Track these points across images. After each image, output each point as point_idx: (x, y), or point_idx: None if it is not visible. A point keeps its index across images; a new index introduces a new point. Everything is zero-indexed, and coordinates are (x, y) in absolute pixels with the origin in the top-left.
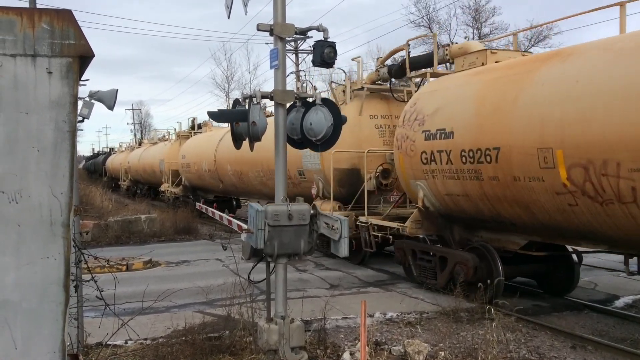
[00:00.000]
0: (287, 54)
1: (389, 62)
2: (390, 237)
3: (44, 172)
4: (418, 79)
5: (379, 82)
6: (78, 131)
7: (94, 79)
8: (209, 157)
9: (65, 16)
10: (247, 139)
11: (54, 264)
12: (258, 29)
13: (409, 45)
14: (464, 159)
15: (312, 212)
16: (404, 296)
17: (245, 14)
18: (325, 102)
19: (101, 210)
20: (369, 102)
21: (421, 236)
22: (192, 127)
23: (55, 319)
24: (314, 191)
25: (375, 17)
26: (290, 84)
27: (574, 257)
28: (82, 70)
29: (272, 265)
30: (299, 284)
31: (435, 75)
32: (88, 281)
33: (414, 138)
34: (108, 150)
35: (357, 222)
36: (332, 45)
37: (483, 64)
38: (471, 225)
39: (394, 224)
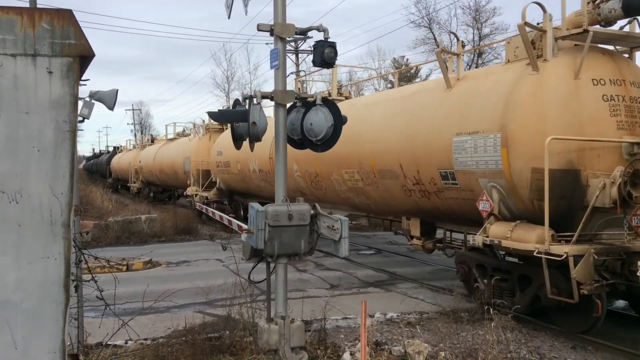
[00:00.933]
0: (288, 54)
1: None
2: None
3: (44, 172)
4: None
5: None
6: (78, 131)
7: (94, 79)
8: (262, 153)
9: (66, 16)
10: (248, 139)
11: (54, 264)
12: (258, 29)
13: None
14: None
15: (312, 212)
16: (404, 296)
17: (246, 14)
18: (326, 102)
19: (101, 211)
20: (588, 59)
21: None
22: None
23: (56, 319)
24: (483, 207)
25: (375, 17)
26: (291, 84)
27: None
28: (82, 70)
29: (272, 265)
30: (299, 284)
31: None
32: (88, 281)
33: None
34: (112, 149)
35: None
36: (333, 46)
37: None
38: None
39: None
